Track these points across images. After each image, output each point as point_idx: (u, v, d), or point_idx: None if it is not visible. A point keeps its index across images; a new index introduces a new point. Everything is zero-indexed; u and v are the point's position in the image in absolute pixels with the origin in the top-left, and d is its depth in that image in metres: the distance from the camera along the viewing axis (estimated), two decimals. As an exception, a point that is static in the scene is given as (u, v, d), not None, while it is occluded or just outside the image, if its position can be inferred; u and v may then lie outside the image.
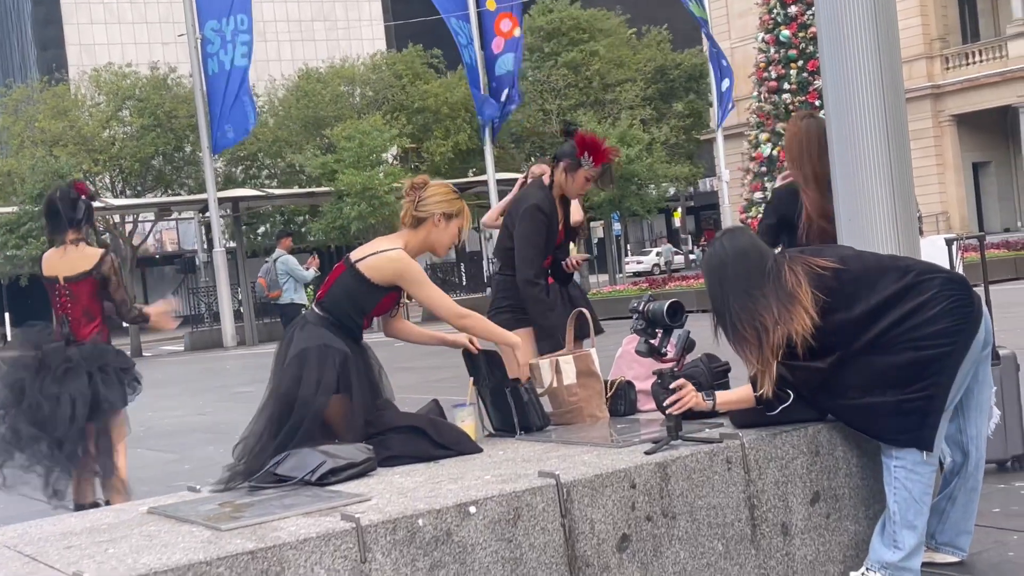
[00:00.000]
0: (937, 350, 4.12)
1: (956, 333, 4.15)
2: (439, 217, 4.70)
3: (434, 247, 4.76)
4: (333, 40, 77.72)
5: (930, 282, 4.23)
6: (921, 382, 4.12)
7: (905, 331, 4.14)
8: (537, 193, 5.85)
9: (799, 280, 4.21)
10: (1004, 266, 20.63)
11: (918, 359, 4.12)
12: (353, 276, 4.62)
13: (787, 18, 24.42)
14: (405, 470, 4.21)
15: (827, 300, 4.19)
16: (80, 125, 39.25)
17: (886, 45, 4.86)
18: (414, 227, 4.72)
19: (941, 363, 4.13)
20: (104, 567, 3.13)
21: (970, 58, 46.32)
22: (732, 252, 4.34)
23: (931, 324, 4.13)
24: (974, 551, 4.55)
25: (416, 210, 4.70)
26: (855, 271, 4.28)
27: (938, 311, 4.15)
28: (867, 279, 4.25)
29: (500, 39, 28.04)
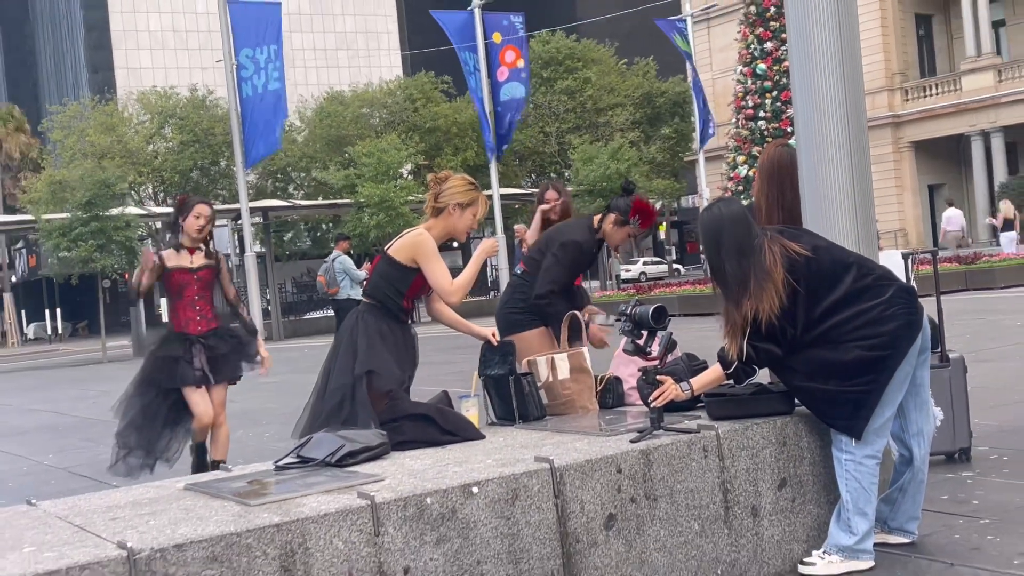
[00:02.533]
0: (881, 351, 4.14)
1: (899, 338, 4.17)
2: (454, 206, 4.87)
3: (454, 233, 4.94)
4: (355, 67, 77.75)
5: (886, 288, 4.24)
6: (861, 377, 4.14)
7: (854, 328, 4.15)
8: (585, 233, 5.88)
9: (775, 261, 4.18)
10: (955, 278, 20.66)
11: (862, 357, 4.13)
12: (386, 261, 4.83)
13: (763, 53, 24.46)
14: (415, 454, 4.22)
15: (795, 286, 4.18)
16: (126, 140, 39.31)
17: (851, 78, 4.87)
18: (435, 216, 4.91)
19: (883, 363, 4.15)
20: (146, 536, 3.15)
21: (927, 91, 46.33)
22: (728, 217, 4.30)
23: (879, 325, 4.14)
24: (924, 533, 4.57)
25: (436, 201, 4.91)
26: (824, 264, 4.23)
27: (887, 315, 4.16)
28: (832, 274, 4.21)
29: (504, 68, 28.07)
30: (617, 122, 46.97)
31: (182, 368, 6.59)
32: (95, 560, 2.96)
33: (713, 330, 4.51)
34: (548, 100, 47.32)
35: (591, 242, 5.86)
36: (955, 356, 5.97)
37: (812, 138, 4.90)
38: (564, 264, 5.75)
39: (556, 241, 5.84)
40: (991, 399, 7.75)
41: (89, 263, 28.28)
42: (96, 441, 10.87)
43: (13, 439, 11.81)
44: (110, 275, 30.98)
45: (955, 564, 4.21)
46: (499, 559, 3.60)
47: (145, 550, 3.02)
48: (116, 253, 28.50)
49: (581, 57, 49.36)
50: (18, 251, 63.30)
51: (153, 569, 3.01)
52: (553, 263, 5.73)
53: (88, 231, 27.96)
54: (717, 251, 4.27)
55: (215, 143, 39.48)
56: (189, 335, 6.67)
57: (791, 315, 4.17)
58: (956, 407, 5.90)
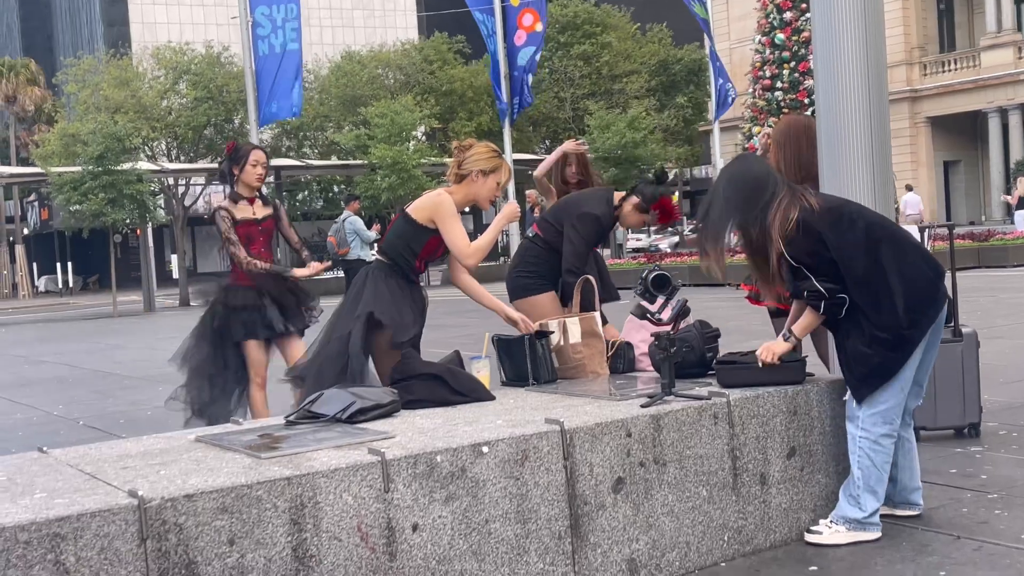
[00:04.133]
0: (910, 329, 4.14)
1: (924, 316, 4.18)
2: (477, 173, 4.87)
3: (476, 199, 4.93)
4: (371, 27, 77.33)
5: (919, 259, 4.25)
6: (884, 345, 4.13)
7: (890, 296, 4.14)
8: (604, 207, 5.84)
9: (791, 204, 4.17)
10: (968, 255, 20.63)
11: (896, 325, 4.13)
12: (403, 219, 4.86)
13: (782, 23, 24.24)
14: (426, 413, 4.23)
15: (816, 232, 4.15)
16: (140, 95, 39.17)
17: (873, 51, 4.83)
18: (458, 182, 4.92)
19: (908, 338, 4.16)
20: (156, 486, 3.16)
21: (946, 66, 45.99)
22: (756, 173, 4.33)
23: (911, 298, 4.14)
24: (931, 506, 4.58)
25: (459, 168, 4.91)
26: (845, 220, 4.20)
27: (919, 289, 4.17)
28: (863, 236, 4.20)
29: (522, 32, 27.82)
30: (632, 89, 46.69)
31: (253, 320, 6.34)
32: (106, 507, 2.97)
33: (723, 299, 4.52)
34: (564, 65, 47.05)
35: (608, 217, 5.84)
36: (967, 331, 5.95)
37: (832, 110, 4.86)
38: (586, 238, 5.75)
39: (574, 212, 5.80)
40: (1001, 375, 7.74)
41: (100, 217, 28.28)
42: (105, 394, 10.94)
43: (24, 389, 11.87)
44: (121, 229, 30.99)
45: (961, 537, 4.22)
46: (507, 518, 3.62)
47: (156, 499, 3.03)
48: (127, 207, 28.48)
49: (599, 22, 49.01)
50: (30, 204, 63.36)
51: (164, 518, 3.03)
52: (577, 241, 5.71)
53: (99, 185, 27.92)
54: (736, 204, 4.26)
55: (229, 100, 39.31)
56: (255, 288, 6.37)
57: (825, 259, 4.15)
58: (967, 382, 5.88)
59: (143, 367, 13.55)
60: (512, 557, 3.62)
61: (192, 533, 3.06)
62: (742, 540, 4.20)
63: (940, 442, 5.83)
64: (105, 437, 7.81)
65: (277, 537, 3.19)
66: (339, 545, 3.29)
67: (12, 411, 10.09)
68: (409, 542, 3.42)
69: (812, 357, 4.49)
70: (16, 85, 60.00)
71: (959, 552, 4.07)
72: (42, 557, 2.86)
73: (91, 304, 38.21)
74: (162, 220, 33.99)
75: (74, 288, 55.32)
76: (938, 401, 5.81)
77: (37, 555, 2.85)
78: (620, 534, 3.87)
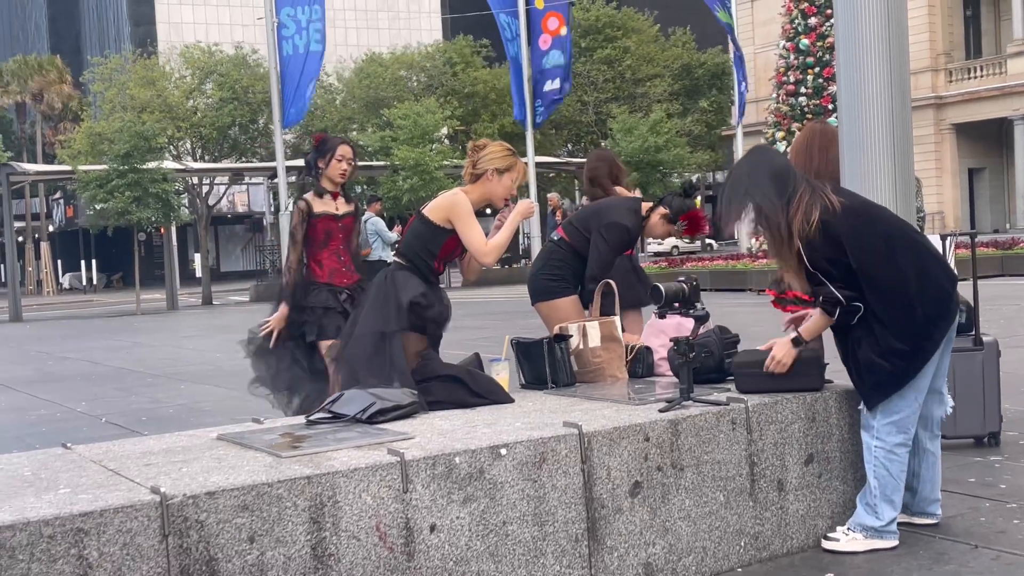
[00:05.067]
0: (923, 339, 4.14)
1: (937, 328, 4.19)
2: (492, 172, 4.88)
3: (492, 198, 4.93)
4: (395, 29, 77.53)
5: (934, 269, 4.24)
6: (897, 355, 4.13)
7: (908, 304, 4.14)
8: (632, 218, 5.89)
9: (813, 201, 4.16)
10: (992, 263, 20.53)
11: (916, 340, 4.13)
12: (420, 220, 4.86)
13: (807, 28, 24.19)
14: (445, 414, 4.26)
15: (834, 234, 4.15)
16: (166, 95, 39.41)
17: (896, 58, 4.82)
18: (473, 182, 4.92)
19: (922, 349, 4.16)
20: (178, 483, 3.20)
21: (972, 73, 45.69)
22: (775, 164, 4.35)
23: (927, 307, 4.14)
24: (949, 515, 4.57)
25: (474, 167, 4.91)
26: (865, 221, 4.20)
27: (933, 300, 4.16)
28: (881, 239, 4.19)
29: (547, 36, 27.84)
30: (655, 93, 46.65)
31: (334, 321, 5.99)
32: (129, 504, 3.01)
33: (743, 303, 4.52)
34: (587, 69, 47.04)
35: (636, 227, 5.91)
36: (989, 340, 5.93)
37: (855, 117, 4.86)
38: (613, 247, 5.80)
39: (603, 220, 5.83)
40: (1023, 385, 7.70)
41: (125, 215, 28.48)
42: (128, 391, 11.02)
43: (47, 386, 11.97)
44: (146, 228, 31.19)
45: (979, 546, 4.21)
46: (524, 520, 3.64)
47: (178, 496, 3.07)
48: (152, 206, 28.66)
49: (621, 26, 48.99)
50: (56, 201, 63.84)
51: (185, 515, 3.06)
52: (603, 246, 5.75)
53: (125, 183, 28.12)
54: (754, 184, 4.26)
55: (254, 101, 39.53)
56: (336, 287, 6.11)
57: (843, 265, 4.15)
58: (987, 391, 5.86)
59: (166, 365, 13.65)
60: (529, 559, 3.64)
61: (213, 530, 3.10)
62: (759, 546, 4.20)
63: (959, 451, 5.82)
64: (128, 434, 7.88)
65: (297, 535, 3.22)
66: (358, 544, 3.32)
67: (36, 407, 10.19)
68: (427, 543, 3.44)
69: (836, 363, 4.48)
70: (43, 83, 60.43)
71: (977, 561, 4.06)
72: (65, 551, 2.89)
73: (114, 302, 38.47)
74: (186, 219, 34.19)
75: (98, 285, 55.73)
76: (958, 410, 5.78)
77: (60, 549, 2.89)
78: (637, 538, 3.88)
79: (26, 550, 2.85)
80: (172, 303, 30.70)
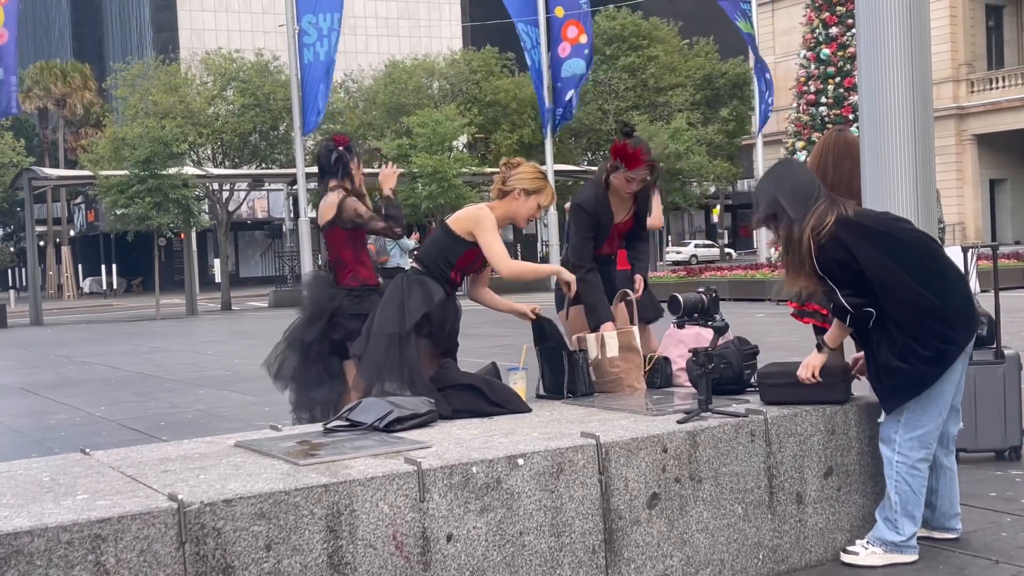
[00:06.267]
0: (946, 344, 4.11)
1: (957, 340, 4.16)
2: (519, 192, 4.93)
3: (515, 217, 4.99)
4: (416, 37, 77.72)
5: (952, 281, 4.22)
6: (918, 360, 4.10)
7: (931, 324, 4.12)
8: (585, 191, 5.72)
9: (828, 211, 4.17)
10: (1014, 275, 20.41)
11: (937, 346, 4.10)
12: (442, 229, 4.93)
13: (828, 38, 24.12)
14: (462, 423, 4.25)
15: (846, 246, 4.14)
16: (188, 101, 39.64)
17: (919, 67, 4.79)
18: (500, 198, 4.97)
19: (944, 355, 4.12)
20: (196, 490, 3.20)
21: (994, 83, 45.47)
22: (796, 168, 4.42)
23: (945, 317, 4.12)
24: (970, 530, 4.53)
25: (503, 184, 4.96)
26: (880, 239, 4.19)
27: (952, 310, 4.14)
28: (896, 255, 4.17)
29: (566, 44, 27.86)
30: (676, 102, 46.64)
31: None
32: (146, 510, 3.01)
33: (763, 314, 4.50)
34: (609, 77, 47.07)
35: (592, 199, 5.60)
36: (1010, 353, 5.89)
37: (876, 127, 4.82)
38: (579, 230, 5.58)
39: None
40: (1044, 399, 7.63)
41: (146, 220, 28.62)
42: (147, 396, 11.06)
43: (67, 390, 12.03)
44: (166, 233, 31.35)
45: (1000, 562, 4.17)
46: (541, 531, 3.62)
47: (195, 503, 3.07)
48: (172, 211, 28.80)
49: (646, 35, 49.01)
50: (77, 206, 64.22)
51: (202, 522, 3.06)
52: (572, 233, 5.65)
53: (145, 189, 28.27)
54: (779, 191, 4.28)
55: (275, 108, 39.70)
56: (379, 289, 5.89)
57: (854, 271, 4.13)
58: (1009, 404, 5.82)
59: (185, 370, 13.69)
60: (545, 570, 3.63)
61: (230, 538, 3.10)
62: (777, 559, 4.18)
63: (980, 465, 5.77)
64: (146, 439, 7.91)
65: (313, 544, 3.22)
66: (374, 553, 3.32)
67: (55, 411, 10.23)
68: (443, 552, 3.43)
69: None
70: (67, 89, 60.81)
71: (997, 577, 4.03)
72: (83, 558, 2.90)
73: (134, 306, 38.65)
74: (206, 224, 34.33)
75: (118, 290, 55.99)
76: (979, 423, 5.75)
77: (78, 555, 2.89)
78: (654, 550, 3.86)
79: (44, 556, 2.85)
80: (191, 308, 30.82)
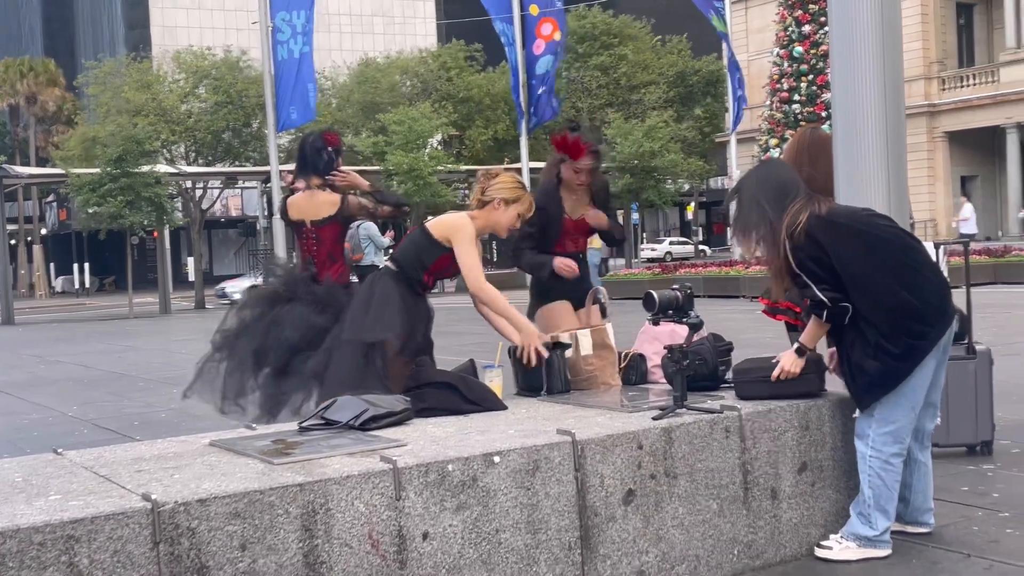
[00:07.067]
0: (919, 340, 4.14)
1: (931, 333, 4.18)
2: (499, 201, 4.97)
3: (495, 227, 5.03)
4: (390, 34, 77.48)
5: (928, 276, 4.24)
6: (891, 355, 4.12)
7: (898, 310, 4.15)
8: (541, 187, 5.89)
9: (801, 209, 4.19)
10: (984, 271, 20.55)
11: (908, 342, 4.12)
12: (420, 232, 4.95)
13: (801, 36, 24.25)
14: (438, 421, 4.25)
15: (820, 242, 4.15)
16: (161, 98, 39.43)
17: (891, 65, 4.83)
18: (480, 208, 5.01)
19: (916, 350, 4.15)
20: (170, 490, 3.18)
21: (965, 81, 45.83)
22: (776, 171, 4.44)
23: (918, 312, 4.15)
24: (942, 524, 4.56)
25: (482, 195, 5.00)
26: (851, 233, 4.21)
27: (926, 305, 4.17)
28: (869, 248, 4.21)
29: (541, 41, 27.81)
30: (650, 100, 46.74)
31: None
32: (120, 511, 2.99)
33: (738, 311, 4.52)
34: (582, 75, 47.12)
35: (540, 192, 5.78)
36: (982, 348, 5.93)
37: (849, 125, 4.86)
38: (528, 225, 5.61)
39: None
40: (1015, 393, 7.70)
41: (118, 219, 28.44)
42: (120, 395, 10.99)
43: (39, 390, 11.94)
44: (138, 231, 31.16)
45: (972, 555, 4.21)
46: (517, 528, 3.62)
47: (169, 503, 3.05)
48: (145, 210, 28.63)
49: (617, 33, 49.08)
50: (49, 204, 63.72)
51: (176, 522, 3.04)
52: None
53: (117, 187, 28.09)
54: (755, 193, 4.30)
55: (248, 105, 39.51)
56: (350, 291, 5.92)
57: (828, 266, 4.15)
58: (980, 399, 5.87)
59: (158, 369, 13.61)
60: (522, 567, 3.63)
61: (204, 538, 3.08)
62: (752, 554, 4.19)
63: (952, 459, 5.82)
64: (120, 439, 7.85)
65: (289, 543, 3.21)
66: (350, 552, 3.31)
67: (27, 411, 10.15)
68: (419, 550, 3.43)
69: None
70: (36, 86, 60.33)
71: (969, 571, 4.06)
72: (55, 559, 2.87)
73: (107, 305, 38.39)
74: (179, 223, 34.14)
75: (90, 289, 55.60)
76: (951, 418, 5.80)
77: (51, 556, 2.87)
78: (630, 546, 3.87)
79: (16, 557, 2.83)
80: (165, 307, 30.64)
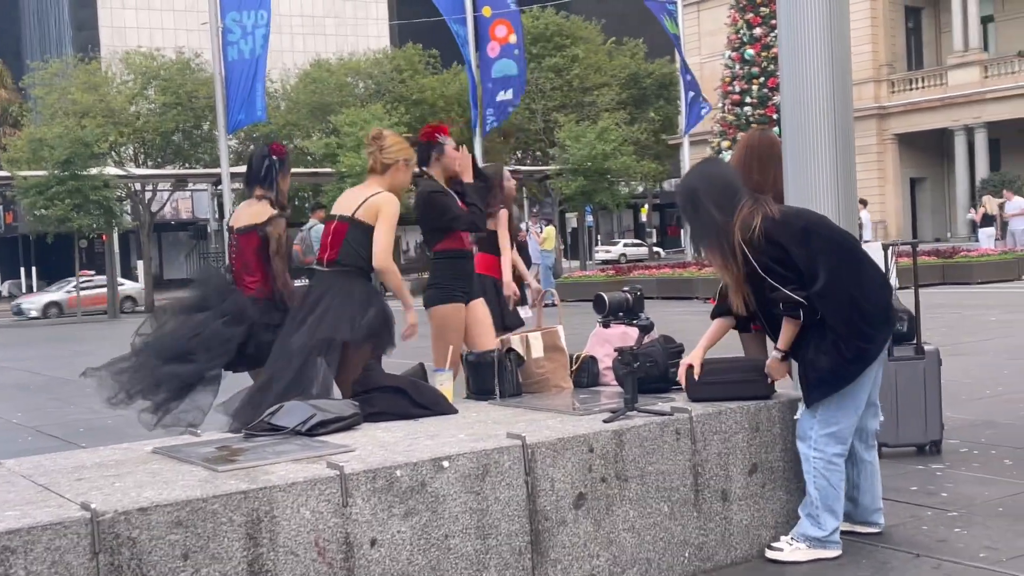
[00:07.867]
0: (866, 343, 4.16)
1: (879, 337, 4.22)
2: (403, 162, 5.03)
3: (398, 188, 5.05)
4: (342, 36, 77.12)
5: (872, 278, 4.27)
6: (842, 356, 4.14)
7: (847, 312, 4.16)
8: (425, 184, 5.93)
9: (753, 213, 4.19)
10: (933, 272, 20.77)
11: (857, 344, 4.14)
12: (357, 228, 4.89)
13: (752, 39, 24.46)
14: (387, 426, 4.20)
15: (777, 241, 4.16)
16: (109, 100, 38.91)
17: (839, 67, 4.85)
18: (382, 173, 5.00)
19: (865, 353, 4.17)
20: (110, 499, 3.12)
21: (913, 84, 46.42)
22: (714, 172, 4.43)
23: (867, 316, 4.17)
24: (891, 524, 4.59)
25: (384, 158, 4.99)
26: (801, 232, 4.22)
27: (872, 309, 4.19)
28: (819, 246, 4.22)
29: (495, 44, 27.80)
30: (603, 102, 46.89)
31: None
32: (58, 521, 2.93)
33: (690, 312, 4.52)
34: (535, 77, 47.14)
35: (426, 189, 5.91)
36: (930, 349, 5.98)
37: (798, 127, 4.87)
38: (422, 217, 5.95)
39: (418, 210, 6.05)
40: (964, 393, 7.79)
41: (66, 222, 28.06)
42: (66, 401, 10.81)
43: (-17, 396, 11.72)
44: (87, 235, 30.75)
45: (921, 555, 4.23)
46: (467, 534, 3.59)
47: (109, 512, 2.99)
48: (93, 213, 28.27)
49: (569, 34, 49.19)
50: (-6, 207, 62.72)
51: (117, 532, 2.98)
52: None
53: (65, 190, 27.71)
54: (699, 199, 4.28)
55: (198, 106, 39.13)
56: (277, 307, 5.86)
57: (790, 263, 4.15)
58: (929, 399, 5.91)
59: (105, 374, 13.38)
60: (471, 573, 3.59)
61: (146, 547, 3.02)
62: (703, 556, 4.19)
63: (901, 459, 5.86)
64: (64, 446, 7.72)
65: (233, 552, 3.15)
66: (296, 560, 3.26)
67: (-30, 418, 9.96)
68: (367, 557, 3.39)
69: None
70: (-23, 87, 59.37)
71: (918, 570, 4.08)
72: (-9, 571, 2.81)
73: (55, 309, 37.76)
74: (128, 226, 33.74)
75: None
76: (900, 418, 5.84)
77: (-15, 569, 2.80)
78: (581, 550, 3.85)
79: (-51, 570, 2.75)
80: (114, 311, 30.26)
